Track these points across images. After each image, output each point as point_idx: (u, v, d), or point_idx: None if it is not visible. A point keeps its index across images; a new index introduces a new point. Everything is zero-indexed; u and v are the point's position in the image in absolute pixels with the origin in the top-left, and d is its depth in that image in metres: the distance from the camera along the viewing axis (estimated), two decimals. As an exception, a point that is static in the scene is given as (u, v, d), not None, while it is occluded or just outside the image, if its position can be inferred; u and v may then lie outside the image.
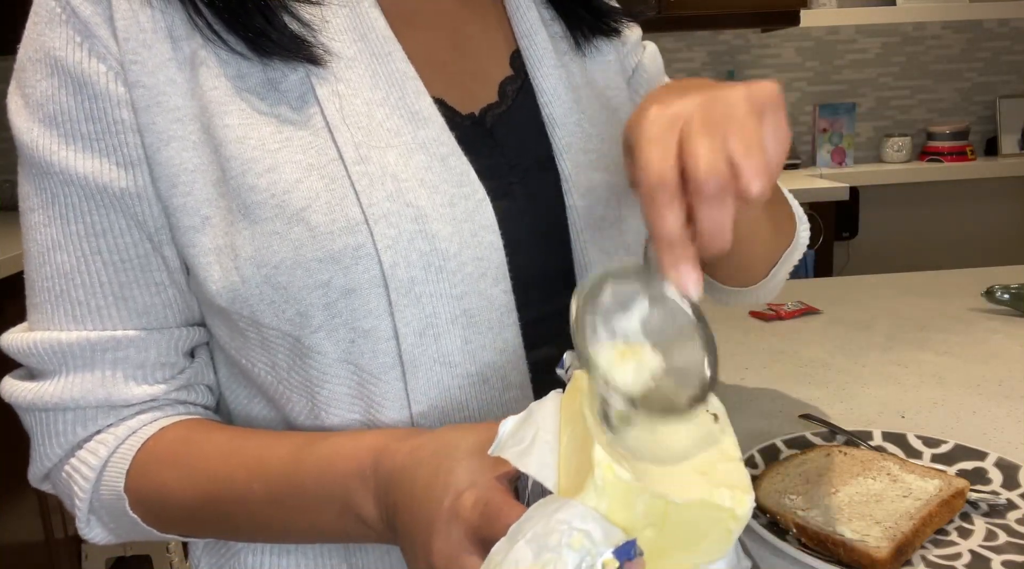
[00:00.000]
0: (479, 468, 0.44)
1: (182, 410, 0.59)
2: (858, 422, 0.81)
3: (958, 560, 0.58)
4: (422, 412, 0.55)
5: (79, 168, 0.54)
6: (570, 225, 0.63)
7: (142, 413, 0.58)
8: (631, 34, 0.76)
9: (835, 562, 0.57)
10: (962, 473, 0.69)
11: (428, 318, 0.54)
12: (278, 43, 0.53)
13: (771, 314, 1.19)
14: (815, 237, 2.44)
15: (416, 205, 0.54)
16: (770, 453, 0.72)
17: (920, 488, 0.63)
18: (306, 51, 0.54)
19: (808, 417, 0.82)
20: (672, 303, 0.45)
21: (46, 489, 0.62)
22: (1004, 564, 0.57)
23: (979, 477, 0.68)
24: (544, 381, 0.59)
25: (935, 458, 0.72)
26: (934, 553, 0.59)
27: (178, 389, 0.59)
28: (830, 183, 2.54)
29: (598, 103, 0.68)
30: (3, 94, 0.58)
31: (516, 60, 0.66)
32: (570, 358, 0.43)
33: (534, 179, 0.63)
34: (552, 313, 0.63)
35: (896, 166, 2.92)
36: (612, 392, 0.41)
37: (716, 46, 2.97)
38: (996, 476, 0.68)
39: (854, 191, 2.58)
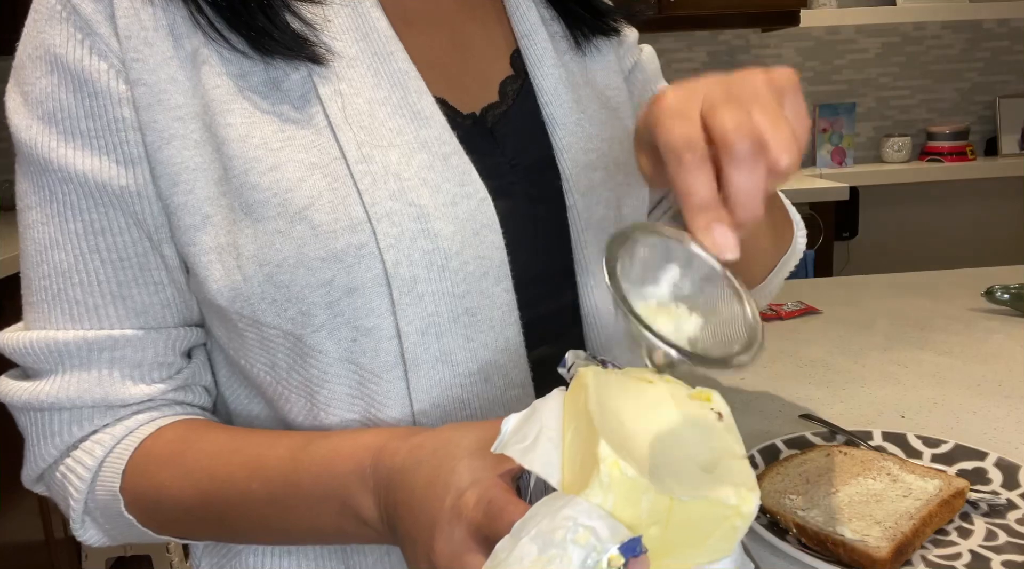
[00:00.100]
0: (481, 466, 0.44)
1: (179, 410, 0.59)
2: (858, 422, 0.81)
3: (958, 560, 0.58)
4: (423, 411, 0.55)
5: (78, 166, 0.53)
6: (570, 225, 0.63)
7: (139, 413, 0.58)
8: (629, 34, 0.76)
9: (835, 562, 0.57)
10: (962, 473, 0.69)
11: (430, 317, 0.54)
12: (280, 42, 0.53)
13: (771, 314, 1.19)
14: (815, 237, 2.46)
15: (418, 204, 0.54)
16: (770, 453, 0.72)
17: (920, 488, 0.63)
18: (308, 50, 0.54)
19: (808, 417, 0.82)
20: (705, 267, 0.44)
21: (40, 491, 0.61)
22: (1004, 564, 0.57)
23: (979, 477, 0.68)
24: (545, 379, 0.59)
25: (935, 458, 0.72)
26: (934, 553, 0.59)
27: (175, 389, 0.59)
28: (830, 183, 2.54)
29: (598, 103, 0.68)
30: (3, 93, 0.58)
31: (516, 60, 0.66)
32: (572, 357, 0.43)
33: (534, 179, 0.63)
34: (553, 312, 0.63)
35: (896, 166, 2.92)
36: (658, 341, 0.39)
37: (716, 46, 2.97)
38: (996, 476, 0.68)
39: (854, 191, 2.58)
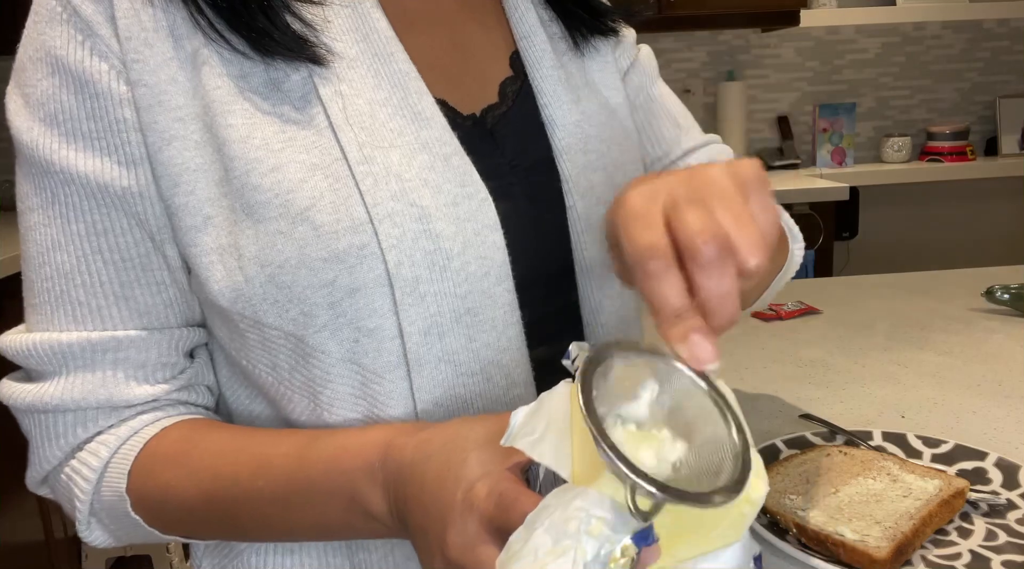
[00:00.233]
0: (490, 459, 0.44)
1: (183, 410, 0.59)
2: (858, 422, 0.81)
3: (958, 560, 0.58)
4: (426, 411, 0.55)
5: (80, 167, 0.53)
6: (570, 225, 0.63)
7: (143, 413, 0.58)
8: (627, 34, 0.76)
9: (835, 562, 0.57)
10: (962, 473, 0.69)
11: (432, 317, 0.54)
12: (280, 43, 0.53)
13: (771, 314, 1.19)
14: (815, 237, 2.46)
15: (420, 205, 0.54)
16: (770, 453, 0.72)
17: (920, 488, 0.63)
18: (309, 51, 0.54)
19: (808, 417, 0.82)
20: (685, 381, 0.41)
21: (44, 493, 0.61)
22: (1004, 564, 0.57)
23: (979, 477, 0.68)
24: (547, 379, 0.59)
25: (935, 458, 0.72)
26: (934, 553, 0.59)
27: (179, 389, 0.59)
28: (830, 183, 2.54)
29: (597, 103, 0.68)
30: (3, 94, 0.58)
31: (516, 61, 0.66)
32: (576, 348, 0.43)
33: (534, 180, 0.63)
34: (553, 312, 0.64)
35: (896, 166, 2.92)
36: (640, 482, 0.36)
37: (716, 46, 2.97)
38: (996, 476, 0.68)
39: (854, 191, 2.58)
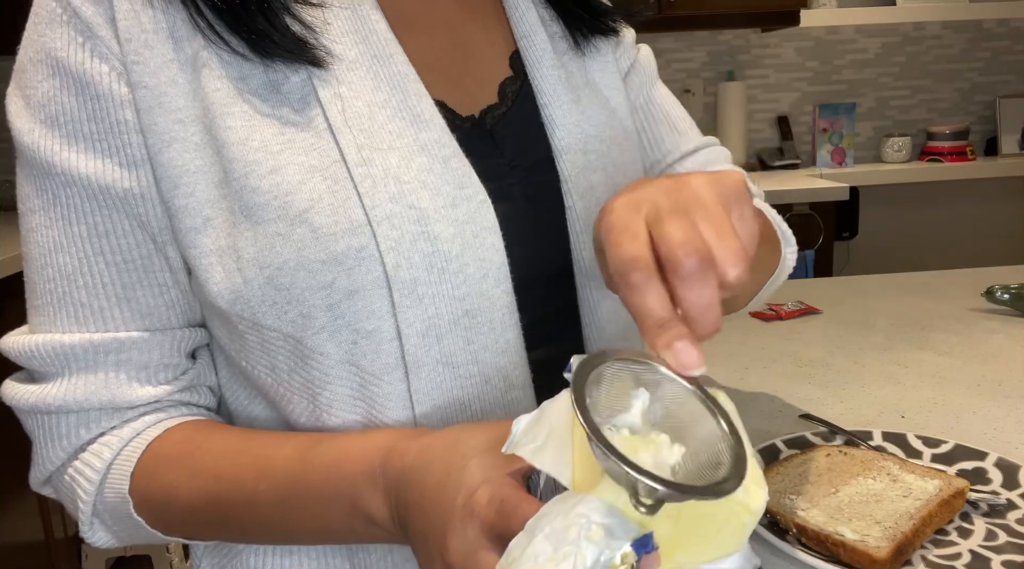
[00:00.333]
0: (491, 465, 0.44)
1: (185, 411, 0.59)
2: (858, 422, 0.81)
3: (958, 560, 0.58)
4: (425, 413, 0.55)
5: (82, 169, 0.54)
6: (569, 226, 0.63)
7: (146, 415, 0.58)
8: (627, 34, 0.76)
9: (835, 562, 0.57)
10: (962, 473, 0.69)
11: (431, 319, 0.54)
12: (280, 45, 0.53)
13: (771, 314, 1.19)
14: (815, 237, 2.46)
15: (418, 207, 0.54)
16: (770, 453, 0.73)
17: (920, 488, 0.63)
18: (308, 53, 0.54)
19: (808, 417, 0.82)
20: (675, 387, 0.42)
21: (47, 493, 0.61)
22: (1004, 564, 0.57)
23: (979, 477, 0.68)
24: (545, 381, 0.60)
25: (935, 458, 0.72)
26: (934, 553, 0.59)
27: (181, 390, 0.59)
28: (830, 183, 2.54)
29: (597, 103, 0.68)
30: (3, 95, 0.58)
31: (516, 61, 0.66)
32: (577, 361, 0.43)
33: (534, 180, 0.63)
34: (552, 313, 0.63)
35: (896, 166, 2.92)
36: (643, 480, 0.36)
37: (716, 46, 2.97)
38: (996, 476, 0.68)
39: (854, 191, 2.58)
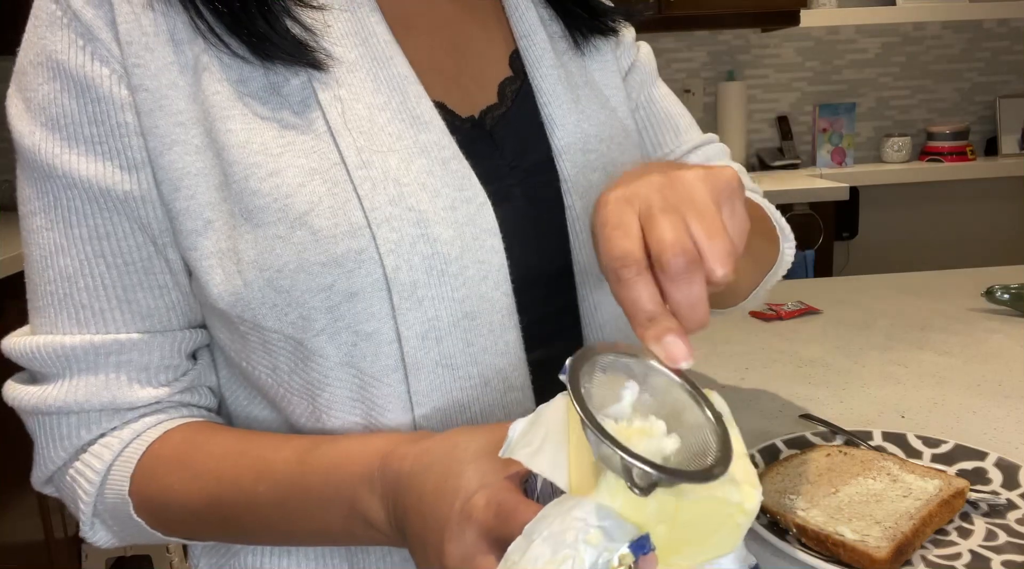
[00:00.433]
0: (489, 469, 0.44)
1: (186, 412, 0.60)
2: (858, 422, 0.82)
3: (958, 560, 0.58)
4: (424, 415, 0.55)
5: (82, 171, 0.54)
6: (569, 226, 0.63)
7: (146, 416, 0.58)
8: (627, 33, 0.76)
9: (835, 562, 0.57)
10: (962, 473, 0.69)
11: (430, 321, 0.54)
12: (280, 47, 0.54)
13: (771, 314, 1.19)
14: (815, 237, 2.46)
15: (418, 209, 0.54)
16: (770, 453, 0.73)
17: (920, 488, 0.63)
18: (308, 56, 0.54)
19: (808, 417, 0.82)
20: (664, 380, 0.43)
21: (49, 492, 0.62)
22: (1004, 564, 0.57)
23: (979, 477, 0.68)
24: (545, 382, 0.60)
25: (935, 458, 0.72)
26: (934, 553, 0.59)
27: (182, 391, 0.59)
28: (830, 183, 2.54)
29: (597, 103, 0.68)
30: (3, 95, 0.58)
31: (515, 61, 0.66)
32: (571, 360, 0.43)
33: (534, 180, 0.63)
34: (552, 313, 0.64)
35: (896, 166, 2.92)
36: (637, 463, 0.37)
37: (716, 46, 2.97)
38: (996, 476, 0.68)
39: (854, 191, 2.58)
